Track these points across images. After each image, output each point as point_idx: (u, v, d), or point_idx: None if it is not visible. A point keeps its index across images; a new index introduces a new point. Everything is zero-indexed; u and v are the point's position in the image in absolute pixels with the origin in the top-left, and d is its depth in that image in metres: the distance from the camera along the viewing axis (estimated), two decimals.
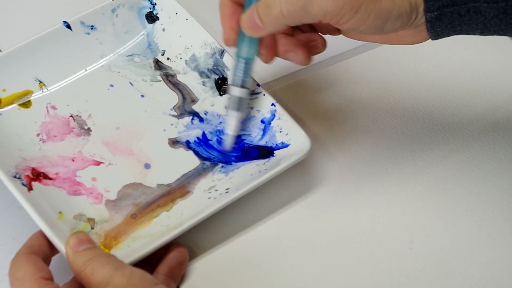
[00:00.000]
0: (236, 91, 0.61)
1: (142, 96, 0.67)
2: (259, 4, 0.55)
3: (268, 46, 0.59)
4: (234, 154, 0.64)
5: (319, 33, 0.61)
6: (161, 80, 0.68)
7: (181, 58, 0.69)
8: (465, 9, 0.52)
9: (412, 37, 0.56)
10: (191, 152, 0.64)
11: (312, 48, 0.60)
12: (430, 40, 0.56)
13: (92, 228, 0.59)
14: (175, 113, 0.66)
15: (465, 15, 0.53)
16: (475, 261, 0.60)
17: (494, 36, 0.54)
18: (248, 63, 0.60)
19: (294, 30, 0.61)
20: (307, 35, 0.61)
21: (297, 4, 0.53)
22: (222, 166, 0.63)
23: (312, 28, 0.61)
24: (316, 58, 0.71)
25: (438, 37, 0.55)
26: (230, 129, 0.62)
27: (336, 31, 0.59)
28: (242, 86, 0.61)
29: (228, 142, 0.63)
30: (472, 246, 0.61)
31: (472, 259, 0.60)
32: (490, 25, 0.53)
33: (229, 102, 0.62)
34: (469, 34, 0.54)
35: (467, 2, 0.52)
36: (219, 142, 0.64)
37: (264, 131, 0.64)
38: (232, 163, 0.63)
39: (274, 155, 0.63)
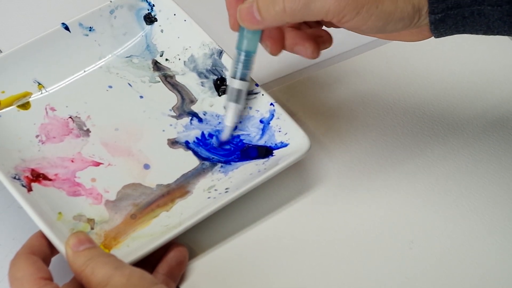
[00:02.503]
0: (235, 84, 0.61)
1: (141, 97, 0.67)
2: (260, 1, 0.55)
3: (273, 38, 0.59)
4: (232, 154, 0.64)
5: (324, 28, 0.61)
6: (159, 81, 0.68)
7: (179, 59, 0.69)
8: (469, 12, 0.52)
9: (414, 36, 0.56)
10: (190, 152, 0.64)
11: (319, 43, 0.60)
12: (431, 38, 0.56)
13: (92, 228, 0.59)
14: (174, 114, 0.66)
15: (469, 17, 0.53)
16: (475, 261, 0.60)
17: (495, 38, 0.54)
18: (249, 56, 0.60)
19: (301, 24, 0.61)
20: (313, 30, 0.60)
21: (300, 1, 0.53)
22: (222, 166, 0.63)
23: (317, 22, 0.61)
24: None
25: (441, 36, 0.55)
26: (229, 121, 0.63)
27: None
28: (242, 79, 0.61)
29: (226, 133, 0.64)
30: (472, 246, 0.61)
31: (472, 259, 0.60)
32: (493, 27, 0.53)
33: (228, 94, 0.62)
34: (472, 34, 0.54)
35: (471, 5, 0.52)
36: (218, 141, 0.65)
37: (263, 131, 0.64)
38: (232, 163, 0.63)
39: (273, 154, 0.63)
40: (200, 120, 0.66)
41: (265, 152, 0.63)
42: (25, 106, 0.65)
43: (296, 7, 0.53)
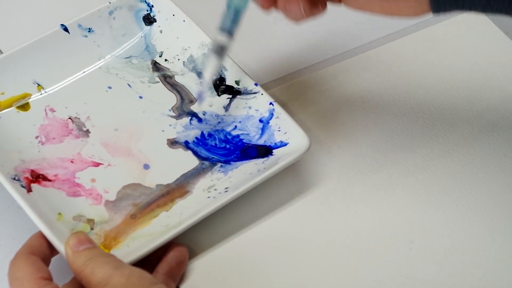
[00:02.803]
0: (221, 37, 0.58)
1: (140, 97, 0.67)
2: None
3: None
4: (231, 153, 0.64)
5: None
6: (159, 82, 0.68)
7: (179, 59, 0.69)
8: None
9: (412, 8, 0.55)
10: (190, 152, 0.64)
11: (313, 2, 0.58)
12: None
13: (92, 228, 0.59)
14: (174, 114, 0.66)
15: None
16: (475, 261, 0.60)
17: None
18: (238, 11, 0.58)
19: None
20: None
21: None
22: (221, 166, 0.63)
23: None
24: (315, 58, 0.72)
25: (440, 10, 0.53)
26: (208, 75, 0.60)
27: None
28: (229, 32, 0.58)
29: (204, 87, 0.60)
30: (472, 246, 0.61)
31: (472, 259, 0.60)
32: (493, 1, 0.52)
33: (213, 47, 0.59)
34: (471, 11, 0.53)
35: None
36: (220, 140, 0.64)
37: (263, 130, 0.64)
38: (231, 162, 0.63)
39: (273, 154, 0.63)
40: (200, 120, 0.66)
41: (264, 151, 0.63)
42: (24, 107, 0.65)
43: None
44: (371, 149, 0.66)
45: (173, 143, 0.64)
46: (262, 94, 0.65)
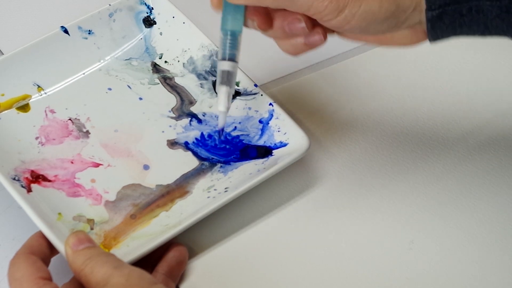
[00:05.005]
0: (224, 65, 0.58)
1: (140, 99, 0.67)
2: None
3: (259, 12, 0.56)
4: (231, 154, 0.64)
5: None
6: (159, 83, 0.68)
7: (178, 61, 0.69)
8: (467, 8, 0.52)
9: (407, 38, 0.55)
10: (189, 152, 0.64)
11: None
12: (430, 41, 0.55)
13: (92, 228, 0.59)
14: (174, 115, 0.66)
15: (467, 14, 0.52)
16: (475, 261, 0.60)
17: (495, 38, 0.54)
18: (235, 36, 0.57)
19: None
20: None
21: None
22: (221, 166, 0.63)
23: None
24: (315, 58, 0.72)
25: (437, 39, 0.54)
26: (222, 106, 0.59)
27: (330, 30, 0.58)
28: (230, 60, 0.58)
29: (221, 119, 0.60)
30: (472, 246, 0.61)
31: (472, 259, 0.60)
32: (491, 26, 0.52)
33: (219, 77, 0.58)
34: (468, 36, 0.54)
35: (469, 0, 0.52)
36: (220, 141, 0.65)
37: (263, 131, 0.64)
38: (231, 163, 0.63)
39: (272, 154, 0.63)
40: (200, 121, 0.66)
41: (264, 152, 0.63)
42: (24, 108, 0.65)
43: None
44: (370, 149, 0.66)
45: (173, 144, 0.64)
46: (261, 95, 0.65)
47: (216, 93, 0.67)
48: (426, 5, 0.52)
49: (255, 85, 0.65)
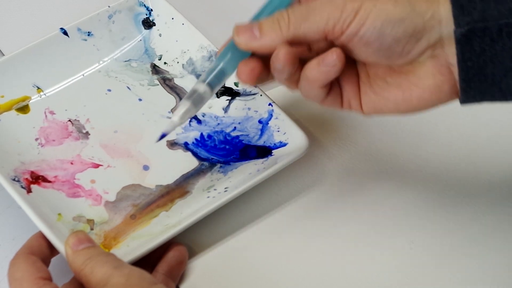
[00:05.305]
0: (201, 87, 0.55)
1: (140, 100, 0.67)
2: (263, 20, 0.54)
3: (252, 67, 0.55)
4: (231, 154, 0.64)
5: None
6: (158, 84, 0.68)
7: (178, 62, 0.69)
8: (497, 28, 0.49)
9: (430, 79, 0.52)
10: (189, 153, 0.64)
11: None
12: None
13: (92, 229, 0.59)
14: None
15: (498, 40, 0.49)
16: (475, 261, 0.60)
17: None
18: (224, 73, 0.56)
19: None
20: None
21: (302, 14, 0.52)
22: (221, 166, 0.63)
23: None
24: None
25: (469, 94, 0.51)
26: (177, 117, 0.55)
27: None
28: (209, 85, 0.56)
29: (169, 126, 0.56)
30: (472, 246, 0.61)
31: (472, 259, 0.60)
32: None
33: (190, 93, 0.56)
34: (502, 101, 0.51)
35: (499, 18, 0.49)
36: (220, 141, 0.65)
37: (262, 131, 0.64)
38: (231, 163, 0.63)
39: (272, 154, 0.63)
40: (199, 121, 0.66)
41: (264, 152, 0.63)
42: (24, 110, 0.65)
43: (297, 21, 0.52)
44: (370, 149, 0.66)
45: (172, 144, 0.64)
46: (261, 95, 0.65)
47: (215, 94, 0.67)
48: (454, 21, 0.50)
49: (255, 86, 0.65)
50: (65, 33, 0.67)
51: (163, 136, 0.57)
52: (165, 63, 0.70)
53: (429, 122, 0.68)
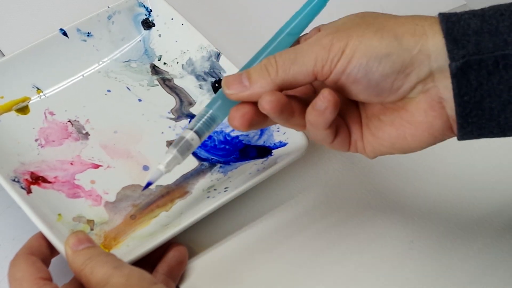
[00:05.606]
0: (188, 135, 0.55)
1: (140, 100, 0.67)
2: (250, 68, 0.53)
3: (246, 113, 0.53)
4: (231, 154, 0.64)
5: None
6: (158, 85, 0.69)
7: (177, 63, 0.69)
8: (493, 60, 0.48)
9: (423, 113, 0.51)
10: None
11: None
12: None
13: (92, 229, 0.59)
14: (173, 116, 0.66)
15: (494, 72, 0.48)
16: (475, 261, 0.60)
17: None
18: (214, 120, 0.55)
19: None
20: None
21: (289, 58, 0.51)
22: (221, 166, 0.63)
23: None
24: None
25: (466, 130, 0.50)
26: (163, 166, 0.55)
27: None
28: (196, 133, 0.55)
29: (154, 175, 0.56)
30: (472, 246, 0.61)
31: (472, 259, 0.60)
32: None
33: (177, 141, 0.55)
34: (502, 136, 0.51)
35: (494, 50, 0.48)
36: (219, 141, 0.65)
37: (262, 131, 0.64)
38: (231, 163, 0.63)
39: (272, 154, 0.63)
40: None
41: (264, 152, 0.63)
42: (24, 110, 0.65)
43: (286, 65, 0.51)
44: None
45: None
46: None
47: (215, 94, 0.67)
48: (448, 55, 0.49)
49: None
50: (65, 33, 0.67)
51: (148, 184, 0.56)
52: (164, 63, 0.70)
53: None
